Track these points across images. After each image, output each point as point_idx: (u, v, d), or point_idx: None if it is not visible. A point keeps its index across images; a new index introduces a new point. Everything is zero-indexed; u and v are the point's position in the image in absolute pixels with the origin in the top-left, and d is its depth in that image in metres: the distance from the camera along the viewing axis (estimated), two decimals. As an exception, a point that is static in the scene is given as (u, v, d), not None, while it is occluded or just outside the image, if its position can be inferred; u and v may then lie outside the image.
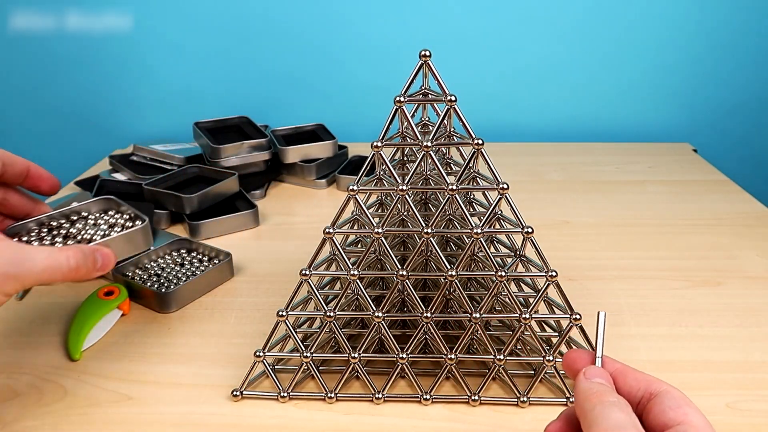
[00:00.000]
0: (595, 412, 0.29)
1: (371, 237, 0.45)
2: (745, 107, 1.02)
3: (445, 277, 0.44)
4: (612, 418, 0.28)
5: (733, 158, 1.03)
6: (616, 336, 0.53)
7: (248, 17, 0.99)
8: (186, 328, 0.55)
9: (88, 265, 0.42)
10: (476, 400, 0.45)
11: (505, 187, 0.44)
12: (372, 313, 0.45)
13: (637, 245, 0.68)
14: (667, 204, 0.78)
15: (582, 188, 0.84)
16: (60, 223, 0.50)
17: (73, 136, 1.09)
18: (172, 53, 1.02)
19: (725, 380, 0.47)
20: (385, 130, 0.44)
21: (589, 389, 0.30)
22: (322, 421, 0.44)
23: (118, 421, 0.44)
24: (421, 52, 0.44)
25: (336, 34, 1.00)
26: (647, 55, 0.99)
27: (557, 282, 0.46)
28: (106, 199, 0.52)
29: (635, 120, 1.04)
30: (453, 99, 0.43)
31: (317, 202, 0.83)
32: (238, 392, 0.46)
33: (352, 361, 0.46)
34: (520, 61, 1.01)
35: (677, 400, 0.30)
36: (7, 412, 0.45)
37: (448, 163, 0.54)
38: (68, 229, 0.49)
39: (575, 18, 0.97)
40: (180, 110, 1.05)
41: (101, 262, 0.43)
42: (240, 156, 0.83)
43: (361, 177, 0.45)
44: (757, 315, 0.55)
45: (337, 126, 0.93)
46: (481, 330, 0.45)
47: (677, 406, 0.29)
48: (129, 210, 0.52)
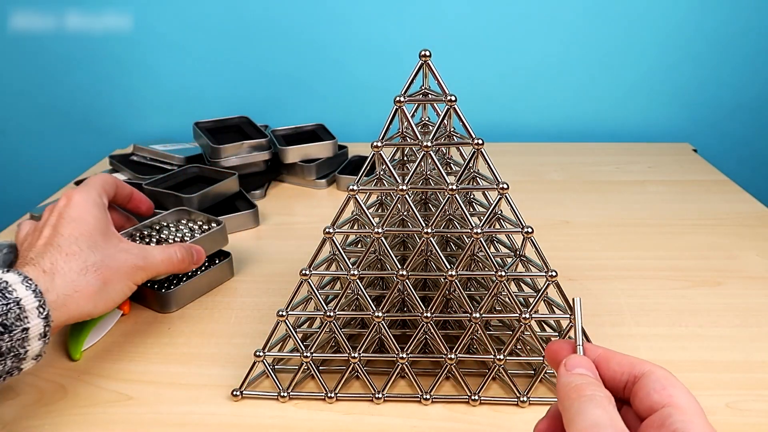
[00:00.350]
0: (573, 409, 0.28)
1: (371, 237, 0.45)
2: (745, 107, 1.02)
3: (445, 277, 0.44)
4: (590, 416, 0.27)
5: (733, 158, 1.03)
6: (616, 336, 0.53)
7: (248, 17, 0.99)
8: (186, 328, 0.55)
9: (190, 258, 0.54)
10: (476, 400, 0.45)
11: (505, 187, 0.44)
12: (372, 313, 0.45)
13: (637, 245, 0.68)
14: (667, 204, 0.78)
15: (582, 188, 0.84)
16: (148, 232, 0.61)
17: (73, 136, 1.09)
18: (172, 53, 1.02)
19: (725, 380, 0.47)
20: (385, 130, 0.44)
21: (569, 384, 0.30)
22: (322, 421, 0.44)
23: (118, 421, 0.44)
24: (421, 52, 0.44)
25: (336, 34, 1.00)
26: (647, 55, 0.99)
27: (557, 282, 0.46)
28: (179, 210, 0.65)
29: (635, 120, 1.04)
30: (453, 99, 0.43)
31: (317, 202, 0.83)
32: (238, 392, 0.46)
33: (352, 361, 0.46)
34: (520, 61, 1.01)
35: (661, 381, 0.29)
36: (7, 412, 0.45)
37: (448, 163, 0.54)
38: (157, 237, 0.61)
39: (575, 18, 0.97)
40: (180, 110, 1.05)
41: (197, 256, 0.55)
42: (240, 156, 0.83)
43: (361, 177, 0.45)
44: (757, 315, 0.55)
45: (337, 126, 0.93)
46: (481, 330, 0.45)
47: (661, 387, 0.29)
48: (200, 217, 0.64)
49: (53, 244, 0.45)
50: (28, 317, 0.39)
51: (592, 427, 0.27)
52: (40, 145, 1.10)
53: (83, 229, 0.47)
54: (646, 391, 0.29)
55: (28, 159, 1.11)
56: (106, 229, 0.48)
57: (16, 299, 0.38)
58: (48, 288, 0.41)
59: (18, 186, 1.12)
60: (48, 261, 0.43)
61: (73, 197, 0.49)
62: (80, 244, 0.45)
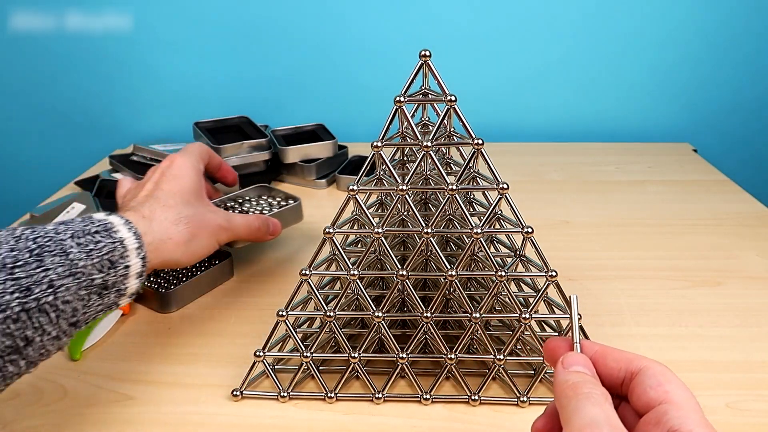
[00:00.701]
0: (570, 407, 0.28)
1: (371, 237, 0.45)
2: (745, 107, 1.02)
3: (445, 277, 0.44)
4: (587, 414, 0.27)
5: (733, 158, 1.03)
6: (616, 336, 0.53)
7: (248, 17, 0.99)
8: (186, 328, 0.55)
9: (266, 228, 0.59)
10: (476, 400, 0.45)
11: (505, 187, 0.44)
12: (372, 313, 0.45)
13: (637, 245, 0.68)
14: (667, 204, 0.78)
15: (582, 188, 0.84)
16: (231, 205, 0.67)
17: (73, 136, 1.09)
18: (172, 53, 1.02)
19: (725, 380, 0.47)
20: (385, 130, 0.44)
21: (566, 382, 0.30)
22: (322, 421, 0.44)
23: (119, 421, 0.44)
24: (421, 52, 0.44)
25: (336, 34, 1.00)
26: (647, 55, 0.99)
27: (557, 282, 0.46)
28: (260, 187, 0.71)
29: (635, 120, 1.04)
30: (453, 99, 0.43)
31: (317, 202, 0.83)
32: (238, 392, 0.46)
33: (352, 361, 0.46)
34: (520, 61, 1.00)
35: (657, 377, 0.29)
36: (7, 412, 0.45)
37: (448, 163, 0.54)
38: (239, 209, 0.67)
39: (575, 18, 0.97)
40: (180, 110, 1.05)
41: (272, 228, 0.60)
42: (240, 156, 0.83)
43: (361, 177, 0.45)
44: (757, 315, 0.55)
45: (337, 126, 0.93)
46: (481, 330, 0.45)
47: (657, 384, 0.29)
48: (279, 194, 0.70)
49: (153, 196, 0.50)
50: (129, 256, 0.42)
51: (589, 425, 0.26)
52: (40, 145, 1.10)
53: (180, 187, 0.52)
54: (642, 387, 0.29)
55: (28, 159, 1.11)
56: (199, 190, 0.54)
57: (120, 239, 0.42)
58: (146, 231, 0.45)
59: (18, 186, 1.12)
60: (147, 209, 0.48)
61: (176, 159, 0.54)
62: (176, 199, 0.50)
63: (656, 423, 0.28)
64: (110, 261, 0.41)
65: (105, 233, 0.41)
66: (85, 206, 0.70)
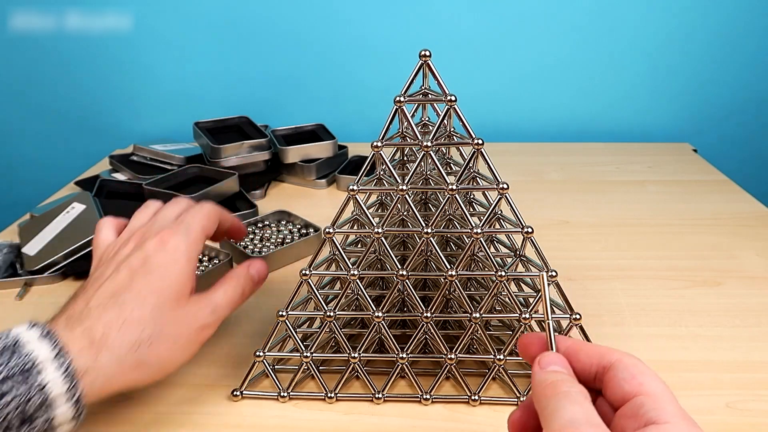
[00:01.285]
0: (549, 407, 0.28)
1: (371, 237, 0.45)
2: (745, 107, 1.02)
3: (445, 277, 0.44)
4: (566, 413, 0.27)
5: (733, 158, 1.03)
6: (616, 336, 0.53)
7: (248, 17, 0.99)
8: (186, 328, 0.55)
9: (250, 284, 0.47)
10: (476, 400, 0.45)
11: (505, 187, 0.44)
12: (372, 313, 0.45)
13: (637, 245, 0.68)
14: (666, 204, 0.78)
15: (582, 188, 0.84)
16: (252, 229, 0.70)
17: (73, 137, 1.09)
18: (172, 53, 1.02)
19: (725, 380, 0.47)
20: (385, 130, 0.44)
21: (544, 381, 0.29)
22: (322, 421, 0.44)
23: (118, 421, 0.44)
24: (421, 52, 0.44)
25: (336, 34, 1.00)
26: (647, 56, 0.99)
27: (557, 282, 0.46)
28: (280, 212, 0.72)
29: (635, 120, 1.04)
30: (453, 99, 0.43)
31: (317, 202, 0.83)
32: (238, 392, 0.46)
33: (352, 361, 0.46)
34: (520, 61, 1.01)
35: (630, 369, 0.29)
36: (7, 412, 0.45)
37: (448, 163, 0.54)
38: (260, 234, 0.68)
39: (575, 18, 0.97)
40: (180, 110, 1.05)
41: (257, 278, 0.48)
42: (240, 156, 0.83)
43: (361, 177, 0.45)
44: (757, 315, 0.55)
45: (337, 126, 0.93)
46: (481, 330, 0.45)
47: (631, 377, 0.29)
48: (297, 219, 0.71)
49: (119, 300, 0.40)
50: (53, 405, 0.34)
51: (569, 424, 0.26)
52: (40, 145, 1.10)
53: (160, 286, 0.41)
54: (616, 381, 0.29)
55: (28, 159, 1.11)
56: (183, 288, 0.42)
57: (40, 384, 0.33)
58: (88, 368, 0.37)
59: (18, 186, 1.12)
60: (102, 326, 0.38)
61: (169, 242, 0.43)
62: (147, 306, 0.40)
63: (632, 416, 0.27)
64: (23, 416, 0.32)
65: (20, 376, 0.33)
66: (85, 206, 0.70)
